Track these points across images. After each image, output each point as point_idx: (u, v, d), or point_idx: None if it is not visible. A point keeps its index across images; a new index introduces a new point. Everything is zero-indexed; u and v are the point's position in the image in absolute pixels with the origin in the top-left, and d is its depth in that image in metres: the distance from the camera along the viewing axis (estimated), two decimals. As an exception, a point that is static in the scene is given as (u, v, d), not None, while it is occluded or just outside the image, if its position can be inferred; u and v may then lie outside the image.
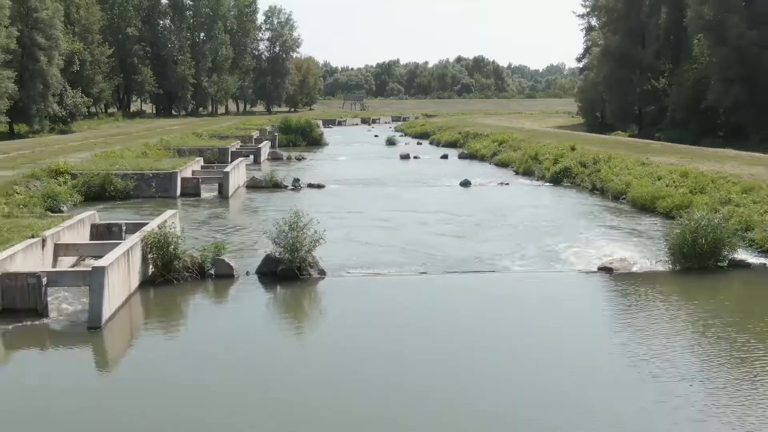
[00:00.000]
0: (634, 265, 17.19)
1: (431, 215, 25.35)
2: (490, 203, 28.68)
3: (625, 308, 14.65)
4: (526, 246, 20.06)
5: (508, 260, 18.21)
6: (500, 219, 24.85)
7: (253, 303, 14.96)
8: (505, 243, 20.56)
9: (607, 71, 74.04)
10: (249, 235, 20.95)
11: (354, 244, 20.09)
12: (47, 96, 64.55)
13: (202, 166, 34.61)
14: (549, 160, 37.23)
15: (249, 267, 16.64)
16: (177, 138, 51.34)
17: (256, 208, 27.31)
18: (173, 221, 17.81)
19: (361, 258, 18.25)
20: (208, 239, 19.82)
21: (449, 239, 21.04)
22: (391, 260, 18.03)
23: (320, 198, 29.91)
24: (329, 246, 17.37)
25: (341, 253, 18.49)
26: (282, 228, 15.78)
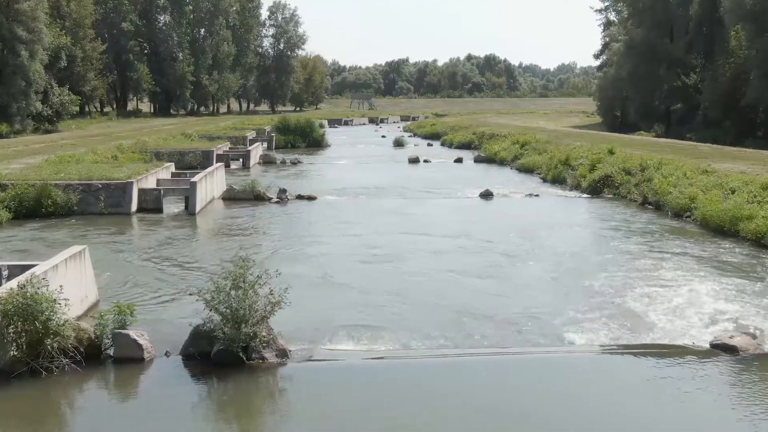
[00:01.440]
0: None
1: (446, 241, 19.64)
2: (520, 222, 22.99)
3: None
4: (584, 296, 14.28)
5: (566, 325, 12.31)
6: (537, 247, 19.10)
7: (166, 412, 9.16)
8: (554, 291, 14.79)
9: (631, 67, 69.20)
10: (196, 280, 15.14)
11: (338, 296, 14.16)
12: (29, 94, 59.56)
13: (173, 174, 29.06)
14: (584, 165, 31.47)
15: (174, 342, 10.83)
16: (158, 139, 45.90)
17: (226, 231, 21.57)
18: (78, 266, 12.20)
19: (348, 323, 12.20)
20: (134, 291, 14.22)
21: (474, 284, 15.26)
22: (394, 325, 12.21)
23: (307, 215, 24.27)
24: (299, 302, 11.75)
25: (316, 314, 12.62)
26: (221, 285, 10.10)
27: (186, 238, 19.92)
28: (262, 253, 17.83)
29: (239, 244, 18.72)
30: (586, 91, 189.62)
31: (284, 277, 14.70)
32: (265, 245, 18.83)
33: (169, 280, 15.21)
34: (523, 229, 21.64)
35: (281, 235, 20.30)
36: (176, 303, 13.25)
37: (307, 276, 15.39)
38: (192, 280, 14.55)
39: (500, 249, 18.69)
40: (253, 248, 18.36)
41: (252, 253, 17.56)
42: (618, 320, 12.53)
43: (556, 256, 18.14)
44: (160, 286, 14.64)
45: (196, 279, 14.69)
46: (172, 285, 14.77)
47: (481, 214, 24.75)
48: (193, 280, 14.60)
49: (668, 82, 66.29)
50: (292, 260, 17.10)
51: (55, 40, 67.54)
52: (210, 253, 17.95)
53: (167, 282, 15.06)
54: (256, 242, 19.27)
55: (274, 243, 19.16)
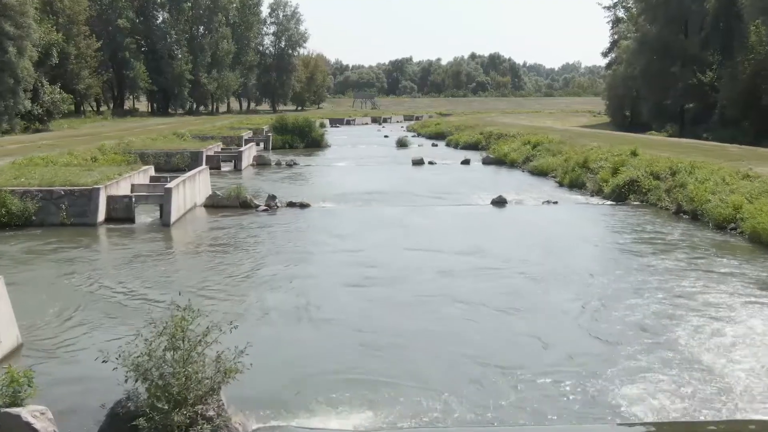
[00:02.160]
0: None
1: (457, 259, 16.76)
2: (539, 234, 20.11)
3: None
4: (630, 336, 11.39)
5: (617, 386, 9.16)
6: (562, 266, 16.20)
7: None
8: (592, 329, 11.88)
9: (643, 64, 66.75)
10: (152, 312, 12.15)
11: (320, 341, 11.11)
12: (18, 92, 56.96)
13: (153, 178, 26.24)
14: (605, 169, 28.59)
15: (96, 418, 7.75)
16: (147, 139, 43.12)
17: (200, 247, 18.52)
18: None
19: (331, 385, 9.13)
20: (70, 332, 11.39)
21: (494, 319, 12.35)
22: (391, 387, 9.17)
23: (297, 226, 21.34)
24: (269, 351, 8.94)
25: (289, 370, 9.63)
26: (151, 348, 7.23)
27: (153, 256, 17.06)
28: (235, 276, 15.01)
29: (212, 265, 15.94)
30: (592, 91, 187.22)
31: (254, 311, 11.91)
32: (241, 266, 15.99)
33: (119, 315, 12.37)
34: (544, 243, 18.78)
35: (263, 252, 17.46)
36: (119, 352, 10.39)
37: (284, 309, 12.56)
38: (142, 315, 11.69)
39: (520, 269, 15.82)
40: (227, 270, 15.56)
41: (224, 277, 14.80)
42: (685, 377, 9.64)
43: (586, 277, 15.30)
44: (103, 324, 11.81)
45: (149, 312, 11.84)
46: (121, 322, 11.94)
47: (495, 225, 21.87)
48: (143, 315, 11.74)
49: (683, 79, 63.65)
50: (270, 286, 14.28)
51: (46, 36, 65.11)
52: (175, 278, 15.08)
53: (116, 318, 12.21)
54: (231, 262, 16.44)
55: (252, 263, 16.32)
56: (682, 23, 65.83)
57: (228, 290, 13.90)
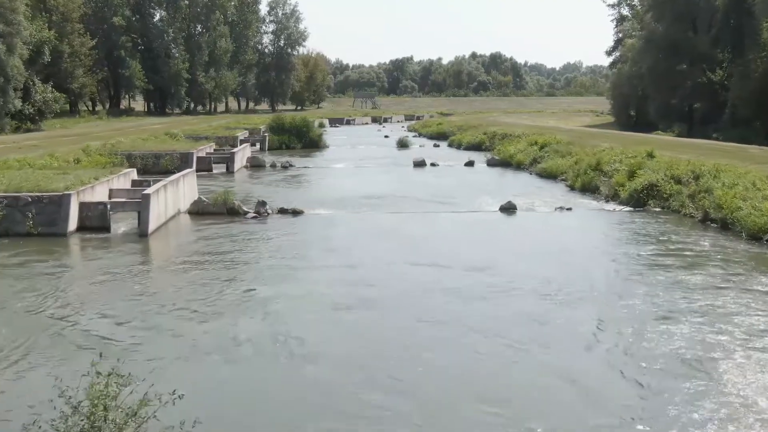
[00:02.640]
0: None
1: (465, 277, 14.83)
2: (554, 246, 18.20)
3: None
4: (679, 378, 9.44)
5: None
6: (585, 285, 14.27)
7: None
8: (631, 369, 9.94)
9: (650, 62, 64.89)
10: (103, 348, 10.28)
11: (292, 390, 9.06)
12: (7, 90, 55.23)
13: (135, 182, 24.35)
14: (621, 172, 26.69)
15: None
16: (137, 140, 41.28)
17: (176, 262, 16.35)
18: None
19: None
20: (7, 372, 9.53)
21: (514, 358, 10.42)
22: None
23: (288, 236, 19.38)
24: (227, 410, 7.00)
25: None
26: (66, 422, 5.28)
27: (121, 273, 15.13)
28: (207, 299, 13.06)
29: (183, 284, 14.04)
30: (594, 90, 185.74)
31: (223, 346, 10.02)
32: (217, 286, 14.03)
33: (65, 353, 10.46)
34: (561, 256, 16.89)
35: (245, 268, 15.55)
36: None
37: (260, 342, 10.68)
38: (90, 353, 9.81)
39: (537, 289, 13.90)
40: (201, 290, 13.65)
41: (196, 299, 12.90)
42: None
43: (611, 297, 13.44)
44: (43, 364, 9.91)
45: (100, 348, 9.94)
46: (66, 359, 10.05)
47: (505, 235, 19.93)
48: (91, 353, 9.85)
49: (691, 78, 61.94)
50: (248, 311, 12.37)
51: (37, 33, 63.32)
52: (139, 301, 13.16)
53: (60, 357, 10.32)
54: (207, 280, 14.50)
55: (231, 281, 14.37)
56: (690, 20, 64.12)
57: (197, 317, 12.01)
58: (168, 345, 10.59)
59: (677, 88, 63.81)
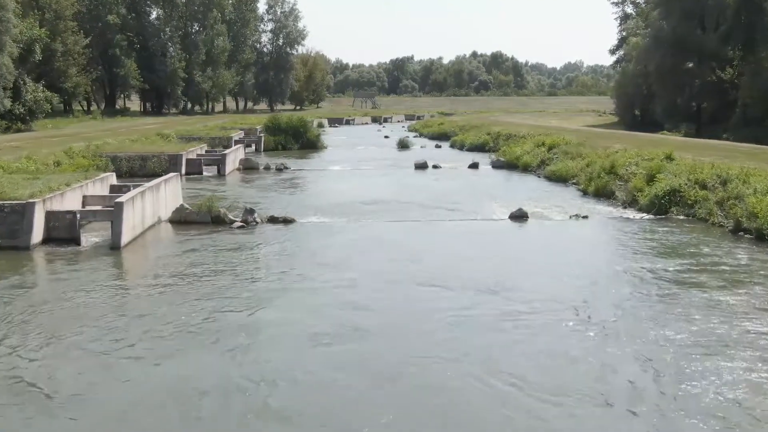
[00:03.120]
0: None
1: (475, 300, 12.89)
2: (574, 261, 16.29)
3: None
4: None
5: None
6: (616, 313, 12.37)
7: None
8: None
9: (658, 60, 63.16)
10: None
11: None
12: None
13: (113, 187, 22.44)
14: (638, 176, 24.79)
15: None
16: (125, 140, 39.41)
17: (146, 282, 14.22)
18: None
19: None
20: None
21: (543, 416, 8.59)
22: None
23: (276, 249, 17.42)
24: None
25: None
26: None
27: (80, 296, 13.19)
28: (171, 329, 11.14)
29: (148, 310, 12.14)
30: (596, 90, 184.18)
31: (176, 396, 8.08)
32: (185, 312, 12.09)
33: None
34: (582, 273, 14.99)
35: (222, 290, 13.56)
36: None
37: (223, 391, 8.75)
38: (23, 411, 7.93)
39: (561, 317, 12.00)
40: (166, 317, 11.74)
41: (154, 331, 10.99)
42: None
43: (644, 326, 11.58)
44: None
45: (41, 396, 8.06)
46: None
47: (517, 248, 17.98)
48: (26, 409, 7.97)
49: (700, 77, 60.24)
50: (217, 345, 10.46)
51: (28, 31, 61.52)
52: (91, 331, 11.26)
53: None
54: (174, 302, 12.58)
55: (203, 307, 12.39)
56: (698, 18, 62.44)
57: (155, 354, 10.10)
58: (113, 395, 8.71)
59: (685, 87, 62.28)
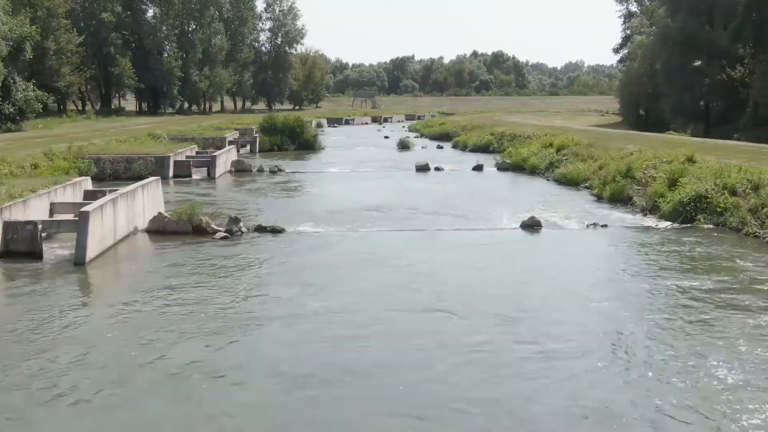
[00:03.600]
0: None
1: (486, 333, 10.93)
2: (600, 280, 14.38)
3: None
4: None
5: None
6: (657, 348, 10.45)
7: None
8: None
9: (665, 59, 61.50)
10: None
11: None
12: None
13: (88, 192, 20.54)
14: (659, 180, 22.87)
15: None
16: (111, 141, 37.51)
17: (105, 307, 12.47)
18: None
19: None
20: None
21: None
22: None
23: (260, 265, 15.40)
24: None
25: None
26: None
27: (28, 323, 11.31)
28: (118, 372, 9.19)
29: (98, 344, 10.22)
30: (598, 90, 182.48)
31: None
32: (139, 346, 10.20)
33: None
34: (611, 296, 13.07)
35: (192, 316, 11.58)
36: None
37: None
38: None
39: (594, 354, 10.07)
40: (116, 356, 9.82)
41: (95, 374, 9.05)
42: None
43: (690, 366, 9.69)
44: None
45: None
46: None
47: (533, 264, 15.96)
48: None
49: (710, 75, 58.50)
50: (168, 393, 8.55)
51: (18, 29, 59.73)
52: (32, 372, 9.36)
53: None
54: (128, 334, 10.66)
55: (158, 341, 10.44)
56: (707, 14, 60.73)
57: (92, 405, 8.21)
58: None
59: (693, 86, 60.54)
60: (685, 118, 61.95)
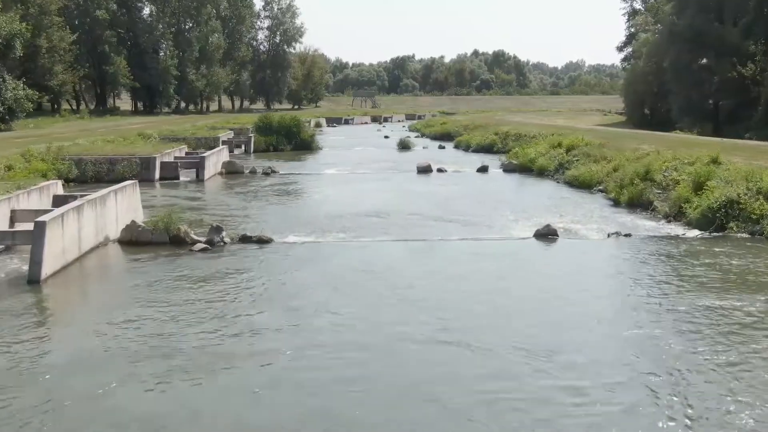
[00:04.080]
0: None
1: (513, 373, 9.02)
2: (630, 305, 12.48)
3: None
4: None
5: None
6: (719, 394, 8.63)
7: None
8: None
9: (673, 56, 59.82)
10: None
11: None
12: (-29, 87, 50.16)
13: (57, 198, 18.65)
14: (683, 183, 20.96)
15: None
16: (97, 140, 35.68)
17: (59, 335, 10.71)
18: None
19: None
20: None
21: None
22: None
23: (239, 282, 13.37)
24: None
25: None
26: None
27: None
28: (53, 421, 7.38)
29: (28, 388, 8.30)
30: (599, 89, 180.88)
31: None
32: (82, 389, 8.32)
33: None
34: (645, 321, 11.16)
35: (144, 352, 9.60)
36: None
37: None
38: None
39: (635, 400, 8.20)
40: (55, 399, 7.92)
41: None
42: None
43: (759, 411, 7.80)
44: None
45: None
46: None
47: (551, 283, 13.87)
48: None
49: (719, 73, 56.72)
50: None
51: (7, 26, 58.01)
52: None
53: None
54: (71, 373, 8.76)
55: (103, 384, 8.47)
56: (716, 11, 58.99)
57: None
58: None
59: (702, 84, 58.80)
60: (693, 117, 60.28)
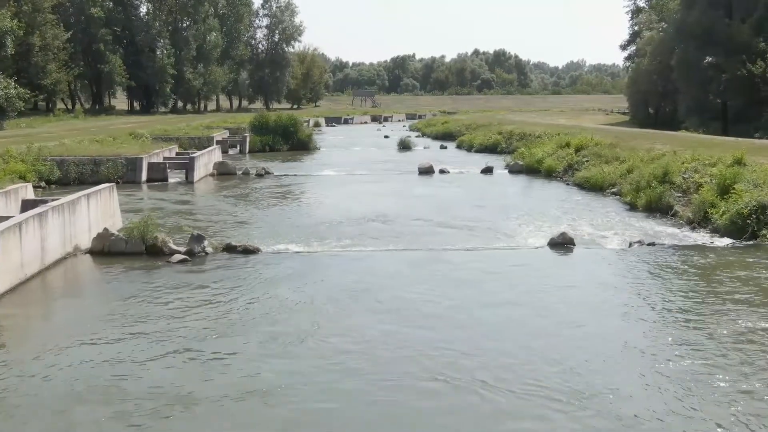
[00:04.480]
0: None
1: (543, 424, 7.58)
2: (661, 332, 10.90)
3: None
4: None
5: None
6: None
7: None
8: None
9: (680, 54, 58.44)
10: None
11: None
12: (-40, 86, 48.86)
13: (27, 202, 17.06)
14: (706, 187, 19.36)
15: None
16: (83, 141, 34.11)
17: (5, 369, 9.38)
18: None
19: None
20: None
21: None
22: None
23: (218, 301, 11.66)
24: None
25: None
26: None
27: None
28: None
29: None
30: (601, 89, 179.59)
31: None
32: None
33: None
34: (686, 353, 9.60)
35: (106, 391, 8.08)
36: None
37: None
38: None
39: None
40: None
41: None
42: None
43: None
44: None
45: None
46: None
47: (571, 301, 12.38)
48: None
49: (728, 71, 55.24)
50: None
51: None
52: None
53: None
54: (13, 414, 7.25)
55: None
56: (725, 7, 57.54)
57: None
58: None
59: (710, 82, 57.33)
60: (700, 116, 58.86)
